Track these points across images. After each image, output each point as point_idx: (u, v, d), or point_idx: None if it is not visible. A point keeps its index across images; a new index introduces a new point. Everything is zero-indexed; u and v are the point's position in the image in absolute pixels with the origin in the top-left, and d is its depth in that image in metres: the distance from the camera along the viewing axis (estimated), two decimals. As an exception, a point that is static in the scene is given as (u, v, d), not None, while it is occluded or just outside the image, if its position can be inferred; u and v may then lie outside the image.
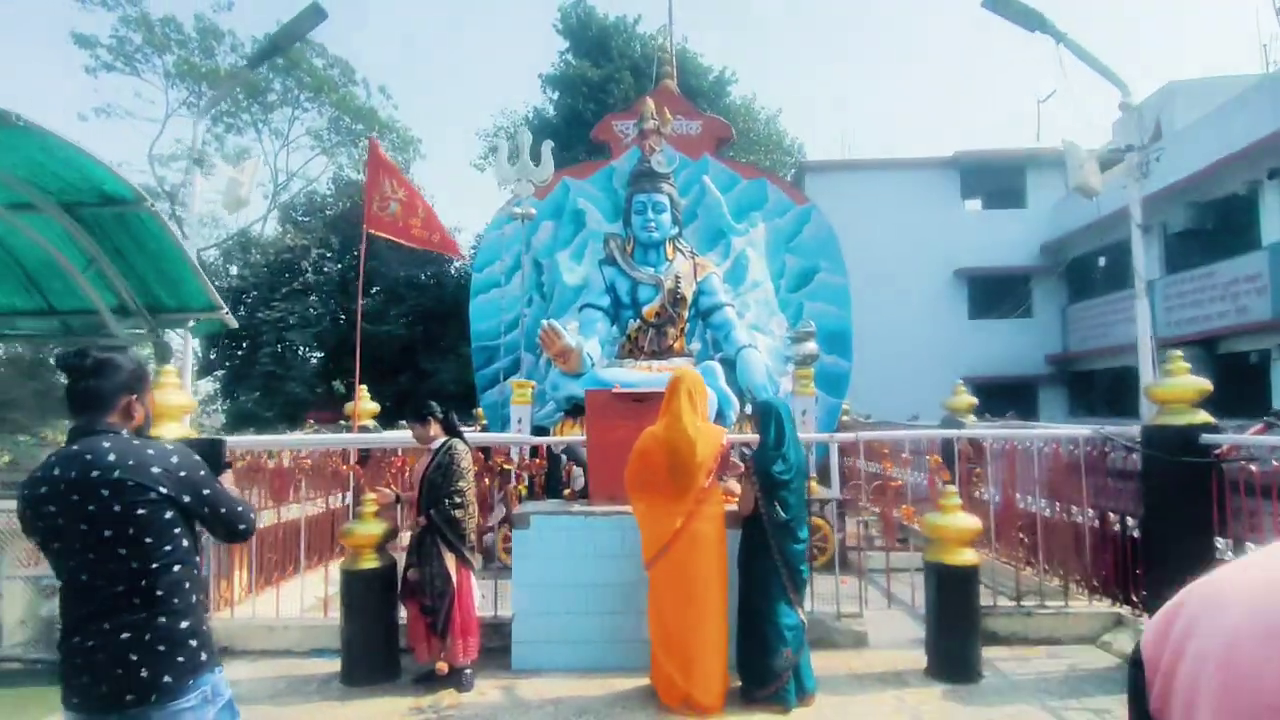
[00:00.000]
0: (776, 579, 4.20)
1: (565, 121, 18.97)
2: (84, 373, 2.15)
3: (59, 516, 2.00)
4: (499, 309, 11.25)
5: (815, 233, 11.16)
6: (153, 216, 4.60)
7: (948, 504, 4.70)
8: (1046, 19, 5.14)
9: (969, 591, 4.64)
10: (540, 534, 4.90)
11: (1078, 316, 19.59)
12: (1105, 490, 5.51)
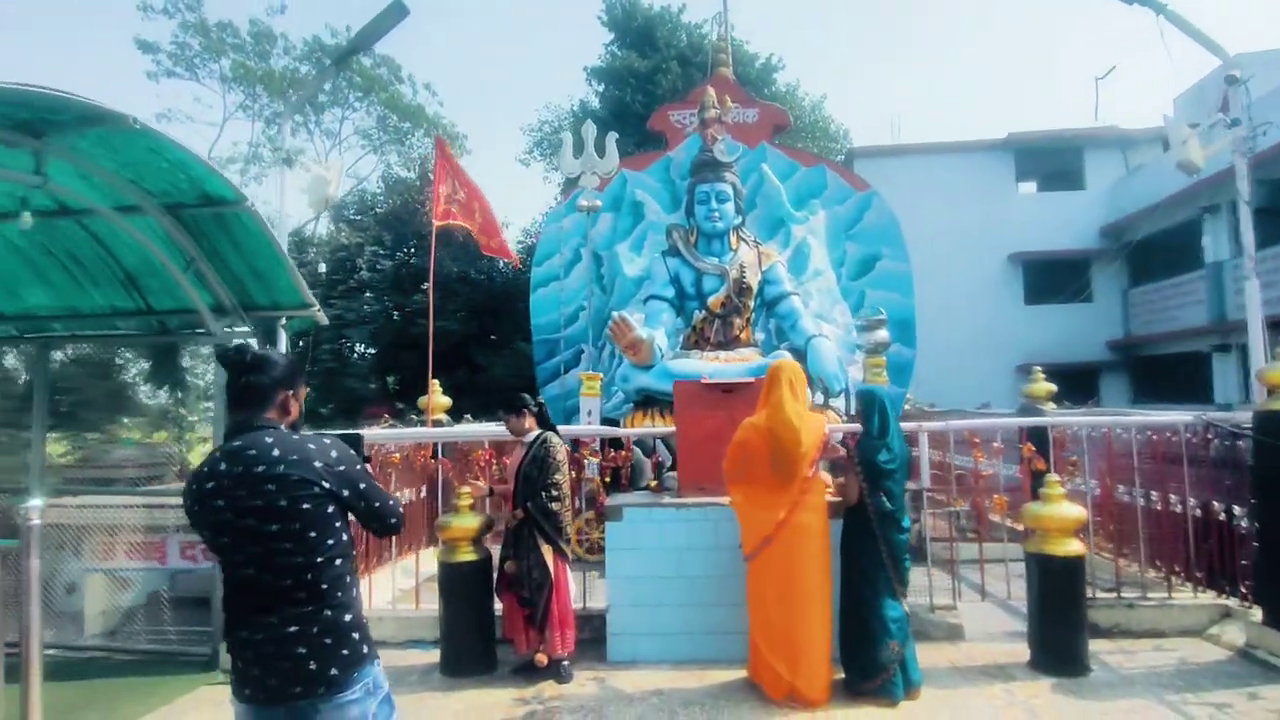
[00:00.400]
0: (882, 570, 4.14)
1: (613, 114, 18.92)
2: (245, 368, 2.18)
3: (227, 511, 2.04)
4: (559, 302, 11.30)
5: (876, 219, 11.01)
6: (252, 216, 4.69)
7: (1051, 493, 4.59)
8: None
9: (1074, 582, 4.53)
10: (633, 526, 4.91)
11: (1140, 300, 19.03)
12: (1207, 479, 5.33)
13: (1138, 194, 18.45)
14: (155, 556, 5.60)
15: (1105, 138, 19.70)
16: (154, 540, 5.55)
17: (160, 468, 18.23)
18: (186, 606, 5.70)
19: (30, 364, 5.47)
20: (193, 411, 23.39)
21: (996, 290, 19.45)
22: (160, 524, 5.45)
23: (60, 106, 3.63)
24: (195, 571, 5.60)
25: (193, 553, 5.54)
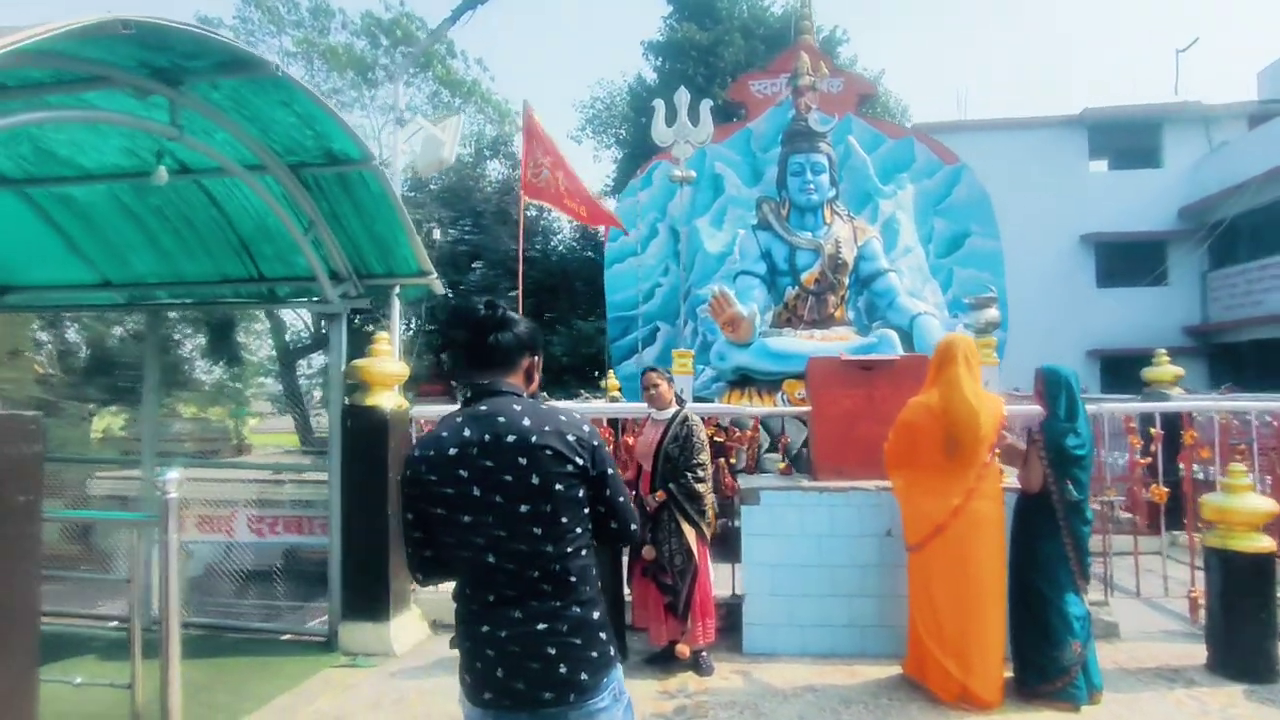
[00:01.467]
0: (1064, 565, 3.82)
1: (671, 87, 18.44)
2: (491, 326, 1.91)
3: (472, 483, 1.76)
4: (635, 278, 11.04)
5: (967, 194, 10.57)
6: (376, 176, 4.45)
7: (1236, 484, 4.21)
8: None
9: (1265, 581, 4.17)
10: (770, 511, 4.63)
11: (1221, 285, 18.22)
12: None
13: (1221, 173, 17.60)
14: (266, 528, 5.47)
15: (1186, 114, 18.78)
16: (269, 515, 5.41)
17: (216, 442, 18.42)
18: (293, 578, 5.59)
19: (141, 333, 5.28)
20: (248, 386, 23.68)
21: (1068, 273, 18.75)
22: (274, 498, 5.30)
23: (201, 50, 3.39)
24: (300, 546, 5.48)
25: (278, 528, 5.43)
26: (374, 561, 4.73)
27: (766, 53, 18.48)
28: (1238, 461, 4.36)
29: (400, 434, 4.92)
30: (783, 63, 10.75)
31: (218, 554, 5.53)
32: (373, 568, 4.73)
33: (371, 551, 4.75)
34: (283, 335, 21.37)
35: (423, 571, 1.93)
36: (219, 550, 5.52)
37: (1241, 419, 5.09)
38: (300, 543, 5.59)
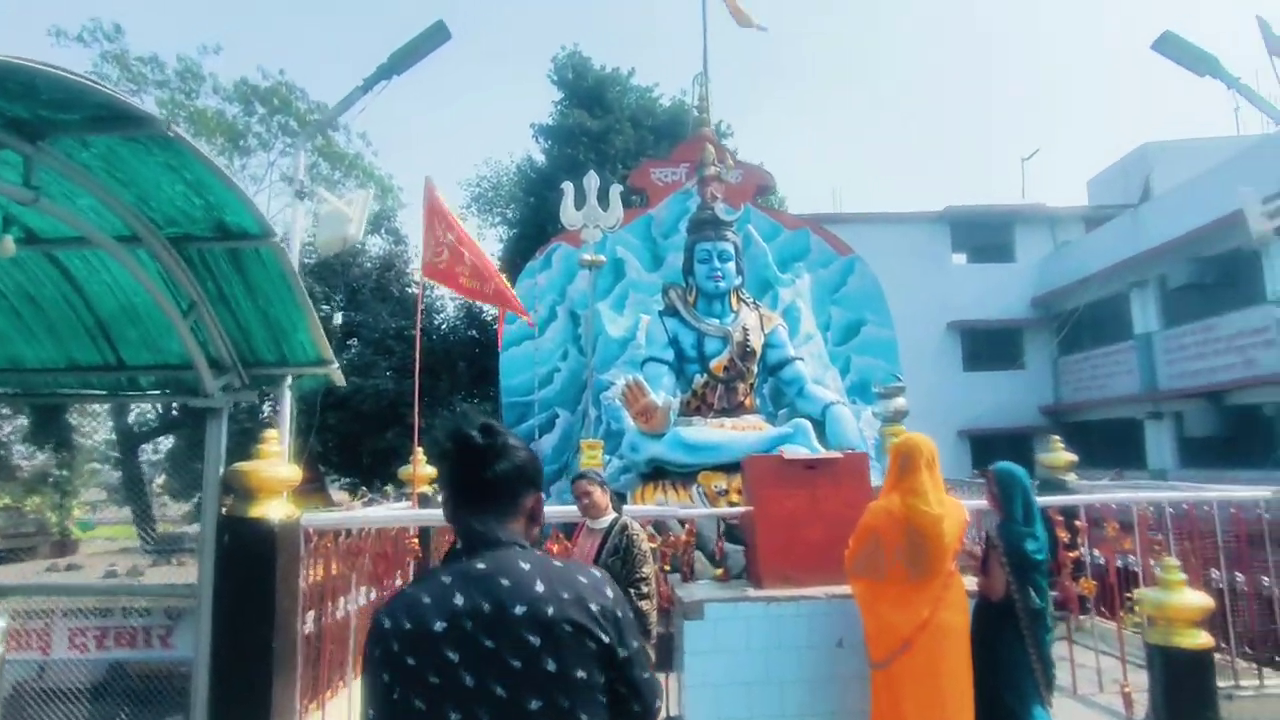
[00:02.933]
0: (1029, 675, 3.64)
1: (562, 170, 18.55)
2: (495, 453, 1.51)
3: (465, 670, 1.34)
4: (532, 362, 10.63)
5: (860, 284, 10.92)
6: (275, 254, 3.91)
7: (1172, 579, 4.23)
8: (1218, 63, 4.91)
9: (1205, 678, 4.16)
10: (716, 625, 4.24)
11: (1069, 368, 19.82)
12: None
13: (1065, 268, 19.38)
14: (93, 643, 4.55)
15: (1033, 214, 20.74)
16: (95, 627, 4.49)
17: (32, 538, 16.02)
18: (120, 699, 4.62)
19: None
20: (77, 475, 21.06)
21: (937, 357, 19.86)
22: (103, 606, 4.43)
23: (76, 100, 2.84)
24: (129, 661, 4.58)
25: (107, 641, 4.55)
26: (251, 711, 3.97)
27: (655, 142, 19.00)
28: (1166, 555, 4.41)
29: (289, 549, 4.25)
30: (684, 152, 10.93)
31: (29, 671, 4.54)
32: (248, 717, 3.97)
33: (248, 699, 3.98)
34: (125, 417, 19.32)
35: None
36: (31, 666, 4.53)
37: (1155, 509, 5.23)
38: (132, 658, 4.67)
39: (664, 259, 10.74)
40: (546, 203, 18.57)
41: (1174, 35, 5.13)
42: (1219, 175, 14.29)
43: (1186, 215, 15.09)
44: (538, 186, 19.68)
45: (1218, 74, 5.05)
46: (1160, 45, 5.04)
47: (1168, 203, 16.64)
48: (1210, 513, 5.12)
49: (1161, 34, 5.12)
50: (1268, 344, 13.87)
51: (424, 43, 4.70)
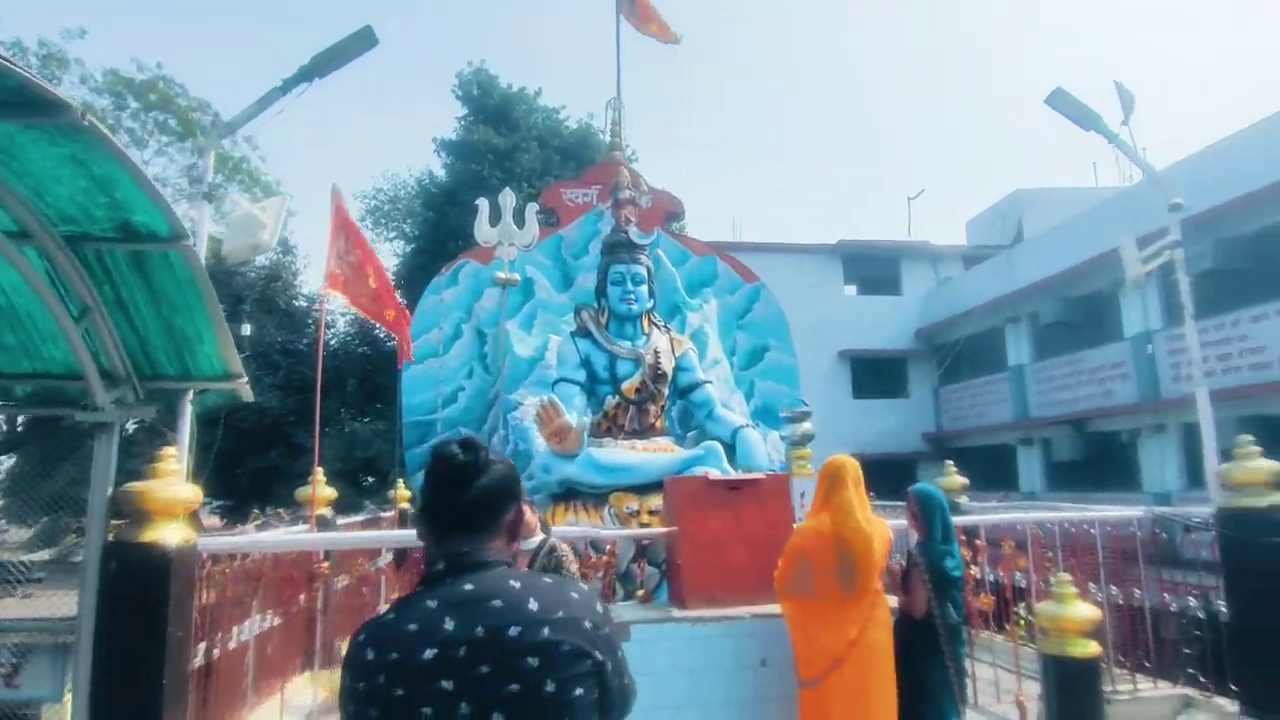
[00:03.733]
0: (947, 689, 3.81)
1: (466, 186, 18.29)
2: (476, 470, 1.47)
3: (461, 699, 1.28)
4: (435, 381, 10.34)
5: (765, 311, 11.22)
6: (185, 259, 3.64)
7: (1064, 592, 4.52)
8: (1101, 120, 5.40)
9: (1094, 685, 4.45)
10: (644, 648, 4.21)
11: (949, 397, 21.05)
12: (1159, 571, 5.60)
13: (947, 302, 20.65)
14: None
15: (918, 251, 22.02)
16: None
17: None
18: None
19: None
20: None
21: (828, 384, 20.65)
22: None
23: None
24: None
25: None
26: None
27: (562, 163, 19.04)
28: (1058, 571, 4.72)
29: (184, 576, 3.93)
30: (596, 174, 10.97)
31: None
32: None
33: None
34: (168, 442, 17.49)
35: None
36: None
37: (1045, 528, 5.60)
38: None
39: (574, 280, 10.71)
40: (447, 218, 18.23)
41: (1064, 91, 5.61)
42: (1083, 223, 15.65)
43: (1055, 258, 16.42)
44: (438, 202, 19.31)
45: (1100, 129, 5.54)
46: (1052, 100, 5.49)
47: (1038, 245, 18.07)
48: (1092, 531, 5.52)
49: (1054, 90, 5.59)
50: (1124, 377, 15.21)
51: (349, 47, 4.53)
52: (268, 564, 5.21)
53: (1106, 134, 5.49)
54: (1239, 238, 13.29)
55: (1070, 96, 5.53)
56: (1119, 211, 14.64)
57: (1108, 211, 15.17)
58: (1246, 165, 12.80)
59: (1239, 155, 13.22)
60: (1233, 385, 13.16)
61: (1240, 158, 13.14)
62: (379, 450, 16.32)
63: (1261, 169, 12.48)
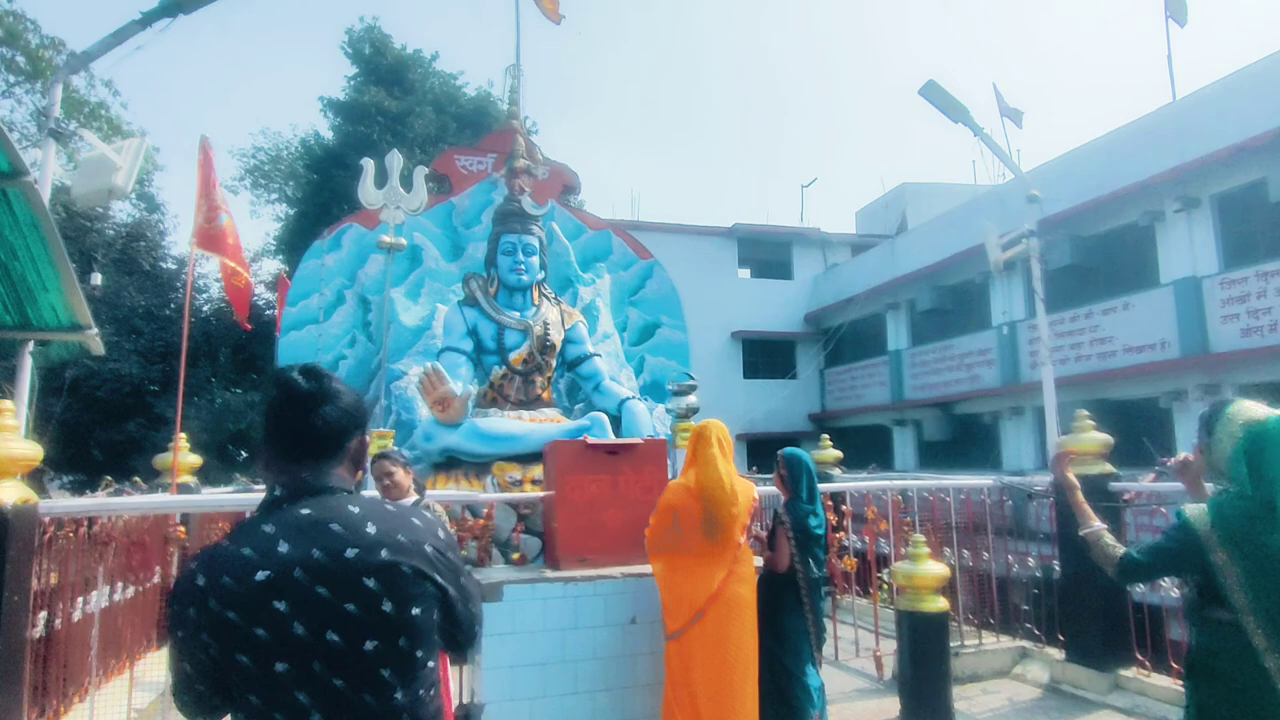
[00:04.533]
0: (805, 639, 4.02)
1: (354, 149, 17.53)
2: (320, 397, 1.46)
3: (296, 620, 1.29)
4: (316, 348, 9.96)
5: (658, 288, 11.35)
6: (26, 197, 3.37)
7: (919, 553, 4.85)
8: (969, 113, 5.73)
9: (943, 637, 4.80)
10: (514, 607, 4.23)
11: (834, 380, 21.96)
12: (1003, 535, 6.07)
13: (834, 288, 21.48)
14: None
15: (809, 238, 22.75)
16: None
17: None
18: None
19: None
20: None
21: (720, 364, 21.16)
22: None
23: None
24: None
25: None
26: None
27: (459, 130, 18.55)
28: (914, 534, 5.05)
29: (22, 540, 3.66)
30: (492, 142, 10.77)
31: None
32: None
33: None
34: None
35: (211, 717, 1.39)
36: None
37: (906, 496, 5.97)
38: None
39: (465, 249, 10.51)
40: (333, 181, 17.48)
41: (935, 84, 5.92)
42: (957, 216, 16.58)
43: (932, 249, 17.35)
44: (324, 164, 18.45)
45: (968, 123, 5.89)
46: (925, 91, 5.79)
47: (917, 236, 19.03)
48: (947, 500, 5.93)
49: (926, 82, 5.89)
50: (989, 363, 16.28)
51: (216, -21, 4.26)
52: (118, 530, 4.92)
53: (973, 127, 5.82)
54: (1093, 237, 14.43)
55: (941, 89, 5.84)
56: (990, 206, 15.59)
57: (980, 206, 16.12)
58: (1100, 171, 13.89)
59: (1094, 161, 14.33)
60: (1084, 372, 14.34)
61: (1095, 164, 14.24)
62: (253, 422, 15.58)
63: (1112, 175, 13.57)
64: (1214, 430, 2.35)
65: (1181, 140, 12.60)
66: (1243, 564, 2.16)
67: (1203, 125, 12.40)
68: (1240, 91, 12.10)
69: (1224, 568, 2.18)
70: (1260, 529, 2.16)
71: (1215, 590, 2.22)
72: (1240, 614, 2.16)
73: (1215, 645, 2.25)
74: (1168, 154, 12.74)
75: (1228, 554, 2.18)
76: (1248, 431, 2.26)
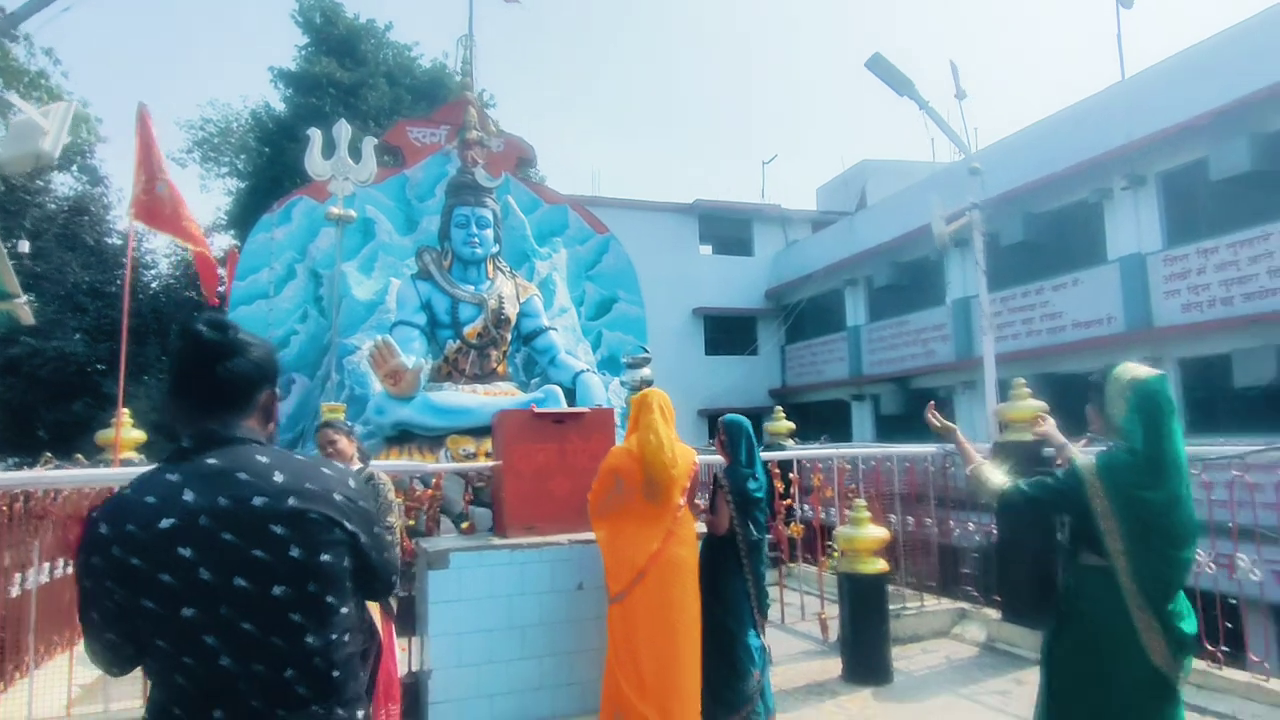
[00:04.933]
0: (746, 601, 4.09)
1: (305, 121, 17.12)
2: (227, 349, 1.46)
3: (201, 567, 1.31)
4: (267, 323, 9.79)
5: (614, 263, 11.35)
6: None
7: (860, 517, 4.97)
8: (915, 87, 5.79)
9: (882, 598, 4.94)
10: (461, 574, 4.26)
11: (794, 355, 22.19)
12: (946, 503, 6.23)
13: (794, 265, 21.64)
14: None
15: (769, 214, 22.86)
16: None
17: None
18: None
19: None
20: None
21: (682, 341, 21.25)
22: None
23: None
24: None
25: None
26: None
27: (413, 103, 18.22)
28: (859, 499, 5.16)
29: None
30: (445, 114, 10.61)
31: None
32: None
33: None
34: None
35: (108, 661, 1.42)
36: None
37: (851, 463, 6.09)
38: None
39: (418, 222, 10.37)
40: (285, 155, 17.09)
41: (881, 57, 5.96)
42: (914, 193, 16.76)
43: (889, 226, 17.55)
44: (275, 137, 18.01)
45: (913, 96, 5.95)
46: (871, 64, 5.83)
47: (875, 213, 19.23)
48: (891, 467, 6.06)
49: (873, 55, 5.92)
50: (944, 338, 16.58)
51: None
52: (55, 507, 4.82)
53: (918, 100, 5.89)
54: (1044, 214, 14.72)
55: (887, 63, 5.89)
56: (946, 184, 15.80)
57: (936, 184, 16.31)
58: (1051, 149, 14.14)
59: (1046, 139, 14.59)
60: (1035, 346, 14.68)
61: (1046, 141, 14.50)
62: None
63: (1063, 153, 13.82)
64: (1105, 391, 2.48)
65: (1130, 119, 12.87)
66: (1121, 513, 2.31)
67: (1150, 104, 12.68)
68: (1185, 71, 12.39)
69: (1103, 515, 2.34)
70: (1142, 482, 2.32)
71: (1091, 536, 2.37)
72: (1113, 559, 2.31)
73: (1083, 588, 2.42)
74: (1116, 132, 13.02)
75: (1109, 503, 2.33)
76: (1135, 389, 2.40)
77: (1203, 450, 4.63)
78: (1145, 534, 2.28)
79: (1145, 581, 2.27)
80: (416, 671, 4.34)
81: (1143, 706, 2.30)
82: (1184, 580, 2.35)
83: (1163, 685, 2.32)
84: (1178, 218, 12.78)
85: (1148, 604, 2.28)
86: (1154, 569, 2.29)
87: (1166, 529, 2.29)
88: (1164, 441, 2.33)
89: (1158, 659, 2.29)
